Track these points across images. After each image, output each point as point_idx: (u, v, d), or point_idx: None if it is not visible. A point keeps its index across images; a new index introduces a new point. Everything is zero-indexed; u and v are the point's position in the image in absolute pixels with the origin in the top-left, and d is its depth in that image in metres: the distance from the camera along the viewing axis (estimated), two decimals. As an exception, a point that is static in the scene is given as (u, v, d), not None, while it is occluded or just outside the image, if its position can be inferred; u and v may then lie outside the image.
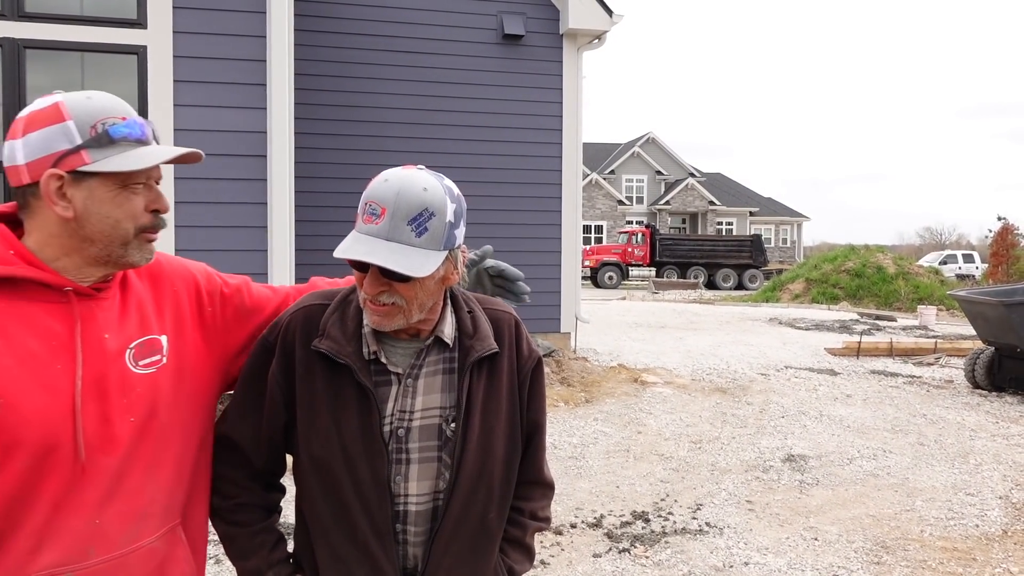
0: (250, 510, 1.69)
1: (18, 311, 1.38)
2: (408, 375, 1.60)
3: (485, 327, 1.66)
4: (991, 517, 5.44)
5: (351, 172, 9.39)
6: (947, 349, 13.12)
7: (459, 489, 1.59)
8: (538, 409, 1.75)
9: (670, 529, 5.06)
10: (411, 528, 1.60)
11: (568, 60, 10.04)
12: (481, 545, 1.65)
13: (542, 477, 1.79)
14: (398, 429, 1.58)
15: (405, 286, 1.50)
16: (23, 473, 1.35)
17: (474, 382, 1.62)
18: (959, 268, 38.39)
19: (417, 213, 1.46)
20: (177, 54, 6.04)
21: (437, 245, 1.49)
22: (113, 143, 1.40)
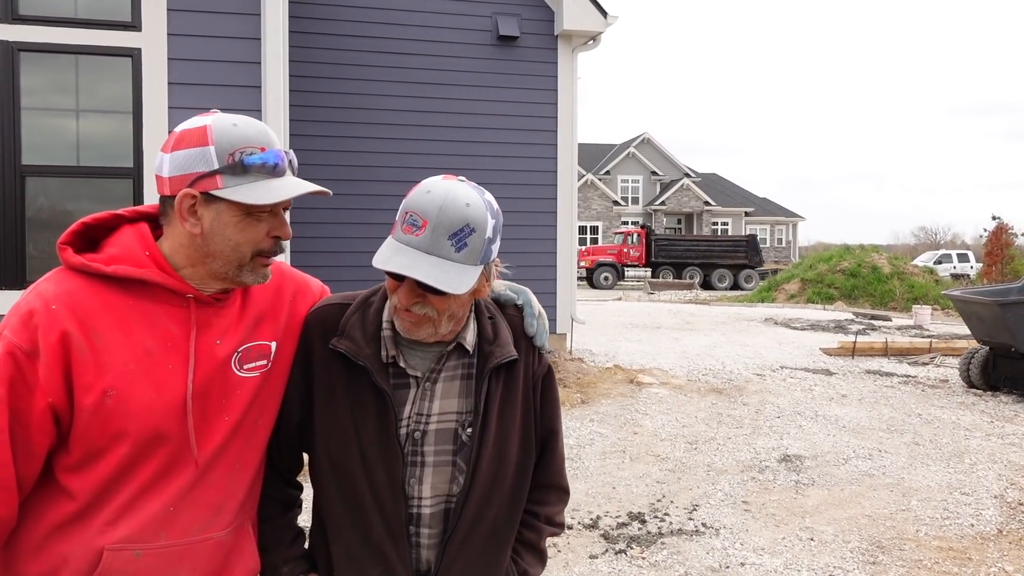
0: (270, 504, 1.71)
1: (142, 310, 1.49)
2: (427, 379, 1.61)
3: (505, 334, 1.67)
4: (986, 516, 5.45)
5: (346, 174, 9.38)
6: (942, 349, 13.15)
7: (473, 494, 1.60)
8: (552, 415, 1.76)
9: (666, 530, 5.07)
10: (424, 530, 1.61)
11: (563, 61, 10.05)
12: (493, 548, 1.66)
13: (558, 482, 1.80)
14: (414, 432, 1.59)
15: (439, 299, 1.52)
16: (124, 460, 1.45)
17: (492, 388, 1.63)
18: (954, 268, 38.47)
19: (459, 228, 1.46)
20: (172, 56, 6.03)
21: (475, 260, 1.50)
22: (246, 172, 1.48)
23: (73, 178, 6.00)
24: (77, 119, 6.02)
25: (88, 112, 6.06)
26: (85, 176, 6.02)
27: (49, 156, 5.95)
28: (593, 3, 9.85)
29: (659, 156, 55.62)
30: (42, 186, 5.95)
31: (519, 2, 9.92)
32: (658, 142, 56.05)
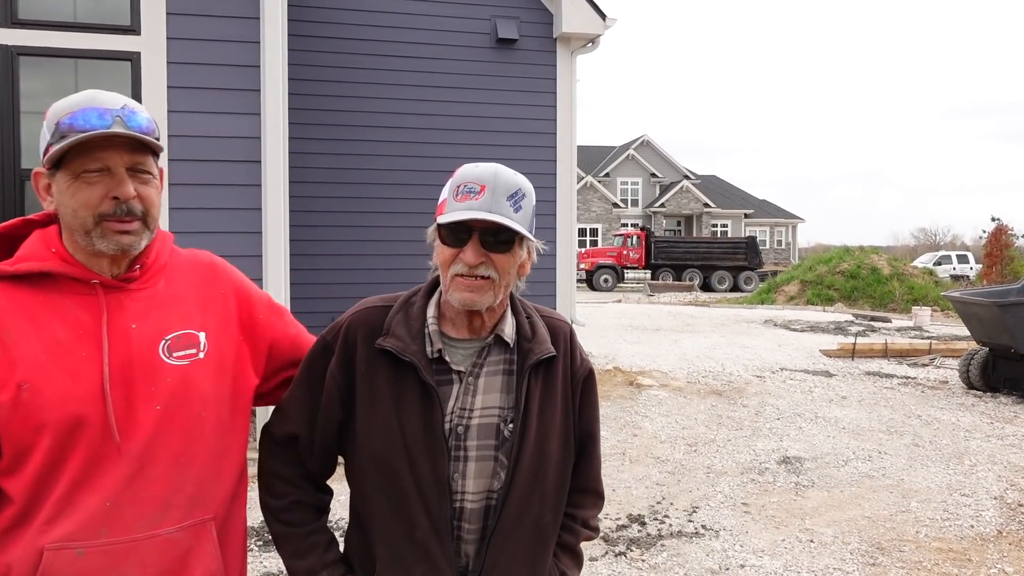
0: (303, 509, 1.70)
1: (51, 303, 1.49)
2: (470, 373, 1.63)
3: (543, 332, 1.70)
4: (986, 518, 5.45)
5: (345, 177, 9.39)
6: (942, 350, 13.15)
7: (515, 490, 1.61)
8: (591, 419, 1.78)
9: (666, 532, 5.07)
10: (465, 526, 1.62)
11: (562, 64, 10.06)
12: (537, 548, 1.67)
13: (595, 486, 1.83)
14: (457, 427, 1.61)
15: (502, 258, 1.56)
16: (50, 453, 1.44)
17: (532, 385, 1.65)
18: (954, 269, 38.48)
19: (515, 191, 1.55)
20: (171, 60, 6.04)
21: (527, 224, 1.58)
22: (63, 136, 1.46)
23: (73, 182, 6.00)
24: (76, 123, 6.01)
25: (87, 116, 6.06)
26: (85, 180, 6.02)
27: (48, 160, 5.95)
28: (592, 6, 9.87)
29: (658, 158, 55.64)
30: (42, 190, 5.95)
31: (518, 5, 9.94)
32: (657, 144, 56.08)
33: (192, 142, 6.09)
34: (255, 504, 1.75)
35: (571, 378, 1.73)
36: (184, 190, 6.08)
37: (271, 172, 6.14)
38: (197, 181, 6.11)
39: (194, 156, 6.09)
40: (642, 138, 55.76)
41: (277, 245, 6.17)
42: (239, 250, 6.18)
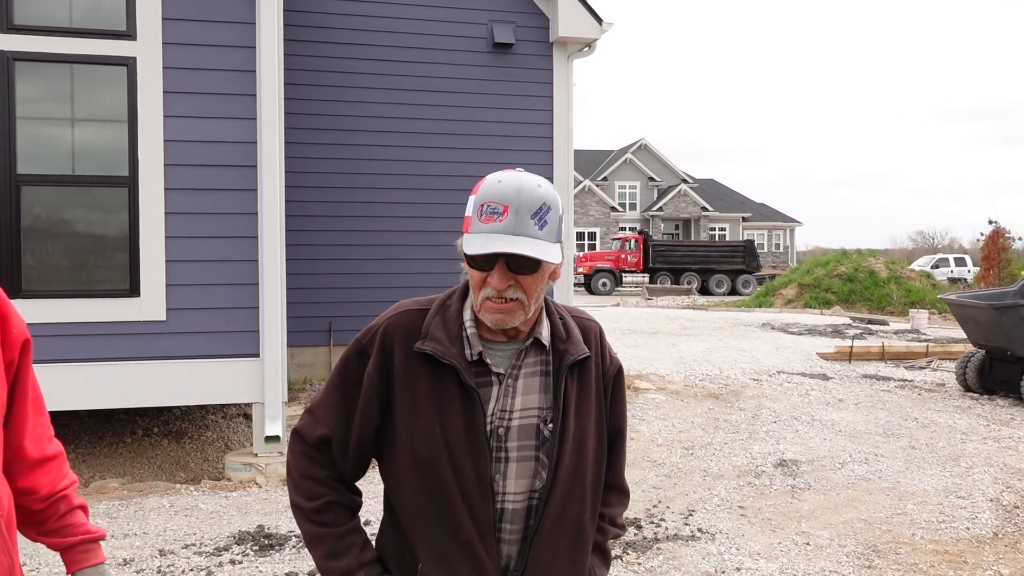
0: (338, 510, 1.69)
1: None
2: (509, 375, 1.65)
3: (576, 332, 1.72)
4: (982, 520, 5.46)
5: (341, 181, 9.40)
6: (938, 353, 13.16)
7: (557, 489, 1.63)
8: (620, 415, 1.81)
9: (662, 535, 5.07)
10: (507, 526, 1.64)
11: (558, 68, 10.07)
12: (578, 546, 1.69)
13: (622, 483, 1.86)
14: (498, 428, 1.63)
15: (529, 279, 1.57)
16: None
17: (568, 385, 1.67)
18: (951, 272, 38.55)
19: (538, 207, 1.54)
20: (167, 65, 6.05)
21: (554, 237, 1.58)
22: None
23: (69, 187, 6.01)
24: (72, 128, 6.03)
25: (83, 121, 6.08)
26: (81, 185, 6.03)
27: (45, 165, 5.96)
28: (588, 10, 9.88)
29: (656, 162, 55.70)
30: (38, 195, 5.96)
31: (514, 9, 9.95)
32: (655, 148, 56.14)
33: (188, 147, 6.10)
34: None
35: (603, 376, 1.76)
36: (180, 195, 6.08)
37: (267, 177, 6.15)
38: (193, 186, 6.11)
39: (190, 161, 6.09)
40: (640, 142, 55.82)
41: (273, 249, 6.17)
42: (235, 255, 6.19)
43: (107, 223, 6.10)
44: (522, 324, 1.64)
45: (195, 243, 6.13)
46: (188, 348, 6.12)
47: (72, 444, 6.84)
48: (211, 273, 6.15)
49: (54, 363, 5.85)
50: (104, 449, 6.83)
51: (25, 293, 5.82)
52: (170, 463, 6.76)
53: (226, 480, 6.16)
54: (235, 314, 6.19)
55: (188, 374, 6.11)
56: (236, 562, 4.52)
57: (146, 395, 6.11)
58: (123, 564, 4.48)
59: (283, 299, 6.37)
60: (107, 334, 5.98)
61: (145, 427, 7.32)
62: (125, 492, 5.79)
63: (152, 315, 6.05)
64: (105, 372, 5.96)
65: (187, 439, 7.23)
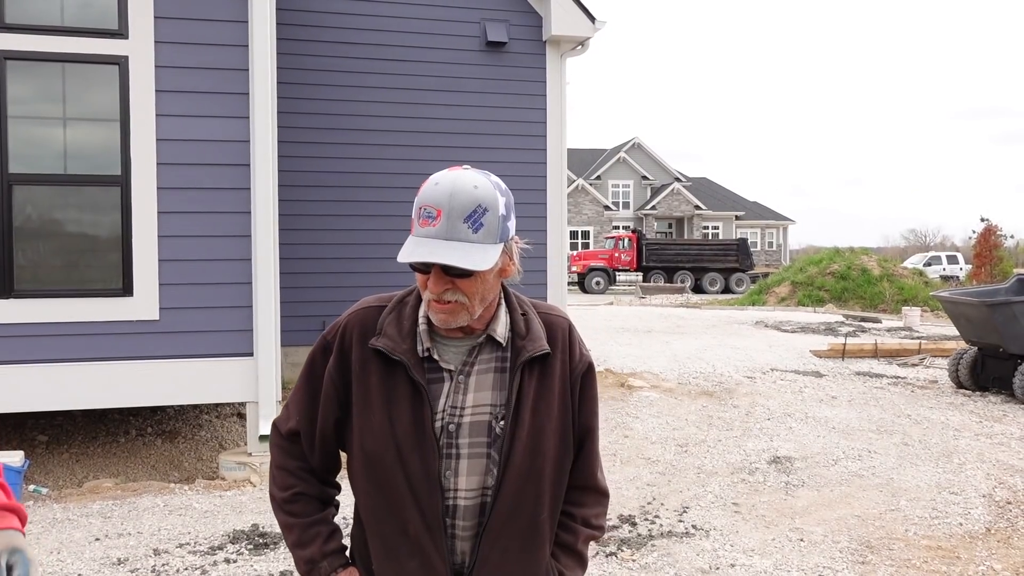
0: (306, 500, 1.74)
1: None
2: (460, 372, 1.65)
3: (538, 329, 1.70)
4: (975, 515, 5.48)
5: (334, 180, 9.39)
6: (931, 350, 13.21)
7: (506, 486, 1.62)
8: (590, 413, 1.77)
9: (656, 532, 5.08)
10: (460, 523, 1.64)
11: (552, 67, 10.07)
12: (532, 545, 1.67)
13: (595, 483, 1.80)
14: (449, 424, 1.62)
15: (467, 282, 1.56)
16: None
17: (525, 381, 1.65)
18: (943, 269, 38.66)
19: (471, 210, 1.52)
20: (159, 64, 6.03)
21: (493, 239, 1.56)
22: None
23: (61, 186, 5.99)
24: (64, 127, 6.01)
25: (75, 120, 6.06)
26: (73, 184, 6.01)
27: (36, 165, 5.94)
28: (581, 8, 9.88)
29: (649, 161, 55.76)
30: (29, 195, 5.94)
31: (507, 8, 9.95)
32: (648, 147, 56.20)
33: (181, 146, 6.09)
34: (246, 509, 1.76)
35: (570, 373, 1.73)
36: (173, 194, 6.07)
37: (260, 176, 6.14)
38: (186, 185, 6.10)
39: (183, 160, 6.08)
40: (633, 141, 55.87)
41: (266, 248, 6.16)
42: (229, 253, 6.18)
43: (99, 222, 6.08)
44: (475, 321, 1.64)
45: (188, 242, 6.11)
46: (182, 347, 6.11)
47: (66, 444, 6.82)
48: (204, 272, 6.13)
49: (47, 363, 5.84)
50: (98, 449, 6.81)
51: (17, 293, 5.80)
52: (164, 463, 6.74)
53: (220, 479, 6.15)
54: (229, 313, 6.18)
55: (182, 373, 6.10)
56: (231, 561, 4.52)
57: (140, 395, 6.09)
58: (118, 563, 4.47)
59: (277, 298, 6.36)
60: (100, 334, 5.96)
61: (139, 427, 7.30)
62: (119, 492, 5.78)
63: (145, 314, 6.03)
64: (98, 372, 5.95)
65: (181, 439, 7.21)
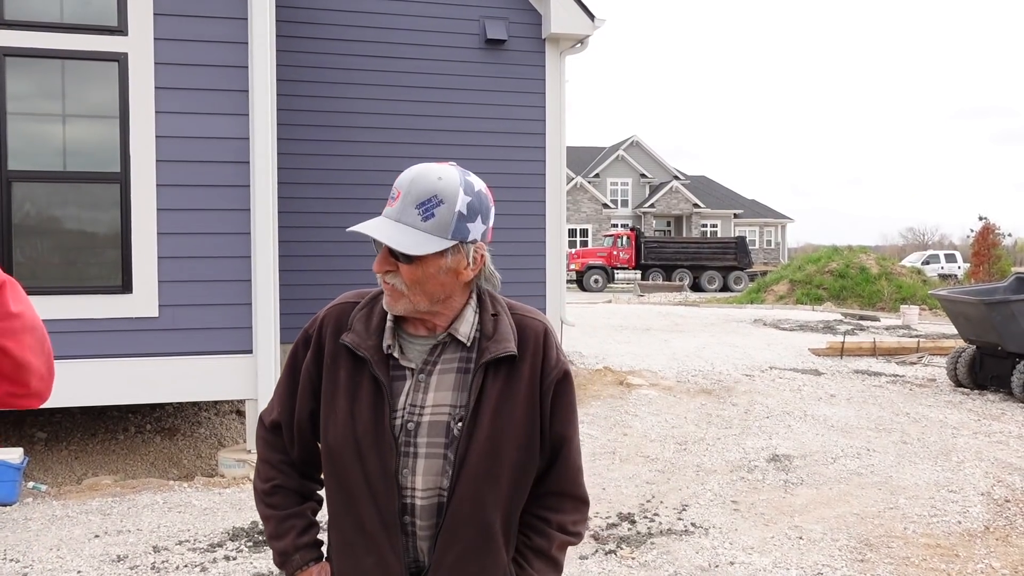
0: (285, 493, 1.75)
1: None
2: (421, 370, 1.64)
3: (506, 330, 1.66)
4: (973, 513, 5.49)
5: (332, 178, 9.38)
6: (929, 348, 13.22)
7: (461, 488, 1.60)
8: (564, 422, 1.71)
9: (656, 530, 5.08)
10: (419, 522, 1.63)
11: (551, 64, 10.07)
12: (488, 548, 1.64)
13: (573, 490, 1.75)
14: (408, 423, 1.62)
15: (408, 269, 1.56)
16: None
17: (488, 383, 1.63)
18: (941, 268, 38.68)
19: (427, 199, 1.54)
20: (159, 61, 6.03)
21: (443, 233, 1.55)
22: None
23: (60, 183, 5.99)
24: (64, 124, 6.00)
25: (75, 117, 6.05)
26: (72, 181, 6.01)
27: (35, 161, 5.94)
28: (580, 6, 9.88)
29: (648, 159, 55.75)
30: (28, 192, 5.93)
31: (507, 6, 9.94)
32: (647, 145, 56.19)
33: (180, 143, 6.08)
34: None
35: (541, 379, 1.67)
36: (172, 191, 6.06)
37: (259, 173, 6.13)
38: (185, 182, 6.09)
39: (182, 157, 6.07)
40: (632, 139, 55.86)
41: (266, 246, 6.16)
42: (228, 251, 6.18)
43: (99, 220, 6.07)
44: (436, 318, 1.64)
45: (188, 239, 6.11)
46: (181, 345, 6.10)
47: (65, 441, 6.81)
48: (204, 269, 6.13)
49: (46, 360, 5.82)
50: (97, 446, 6.81)
51: (16, 290, 5.78)
52: (163, 460, 6.74)
53: (219, 477, 6.15)
54: (228, 310, 6.17)
55: (181, 371, 6.10)
56: (230, 558, 4.52)
57: (139, 392, 6.09)
58: (117, 560, 4.47)
59: (276, 295, 6.36)
60: (99, 331, 5.95)
61: (138, 424, 7.30)
62: (118, 489, 5.78)
63: (144, 311, 6.03)
64: (97, 369, 5.94)
65: (180, 436, 7.21)
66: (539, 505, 1.72)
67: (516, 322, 1.69)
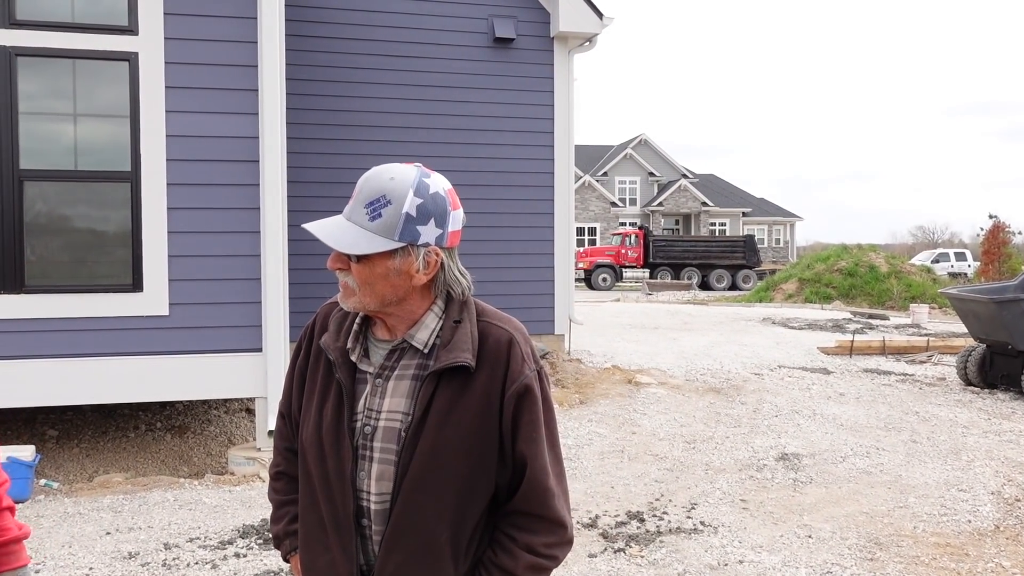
0: (287, 480, 1.83)
1: None
2: (379, 375, 1.64)
3: (463, 339, 1.59)
4: (983, 513, 5.47)
5: (342, 176, 9.38)
6: (939, 347, 13.17)
7: (401, 496, 1.58)
8: (526, 439, 1.60)
9: (665, 528, 5.09)
10: (373, 526, 1.62)
11: (559, 63, 10.07)
12: (432, 560, 1.59)
13: (542, 512, 1.62)
14: (365, 427, 1.62)
15: (357, 268, 1.57)
16: None
17: (438, 393, 1.58)
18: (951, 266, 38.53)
19: (375, 199, 1.55)
20: (169, 60, 6.05)
21: (389, 233, 1.54)
22: None
23: (71, 182, 6.02)
24: (75, 123, 6.04)
25: (85, 116, 6.08)
26: (83, 180, 6.04)
27: (47, 160, 5.97)
28: (589, 5, 9.88)
29: (656, 157, 55.67)
30: (40, 191, 5.97)
31: (515, 4, 9.95)
32: (655, 143, 56.10)
33: (190, 142, 6.11)
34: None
35: (501, 391, 1.59)
36: (182, 190, 6.09)
37: (269, 172, 6.15)
38: (195, 181, 6.12)
39: (192, 156, 6.10)
40: (640, 137, 55.78)
41: (275, 244, 6.18)
42: (238, 250, 6.20)
43: (109, 218, 6.11)
44: (393, 321, 1.63)
45: (197, 238, 6.13)
46: (191, 343, 6.13)
47: (76, 439, 6.85)
48: (214, 268, 6.16)
49: (57, 358, 5.87)
50: (108, 444, 6.85)
51: (28, 288, 5.83)
52: (173, 457, 6.77)
53: (229, 474, 6.18)
54: (238, 309, 6.20)
55: (191, 369, 6.13)
56: (241, 555, 4.54)
57: (149, 390, 6.12)
58: (129, 557, 4.50)
59: (286, 293, 6.38)
60: (110, 329, 5.99)
61: (148, 421, 7.33)
62: (129, 486, 5.81)
63: (155, 310, 6.06)
64: (108, 367, 5.98)
65: (190, 434, 7.24)
66: (507, 523, 1.64)
67: (481, 330, 1.62)
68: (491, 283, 9.35)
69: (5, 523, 1.77)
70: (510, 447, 1.60)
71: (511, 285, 9.74)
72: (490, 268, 9.56)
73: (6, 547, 1.75)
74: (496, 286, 9.35)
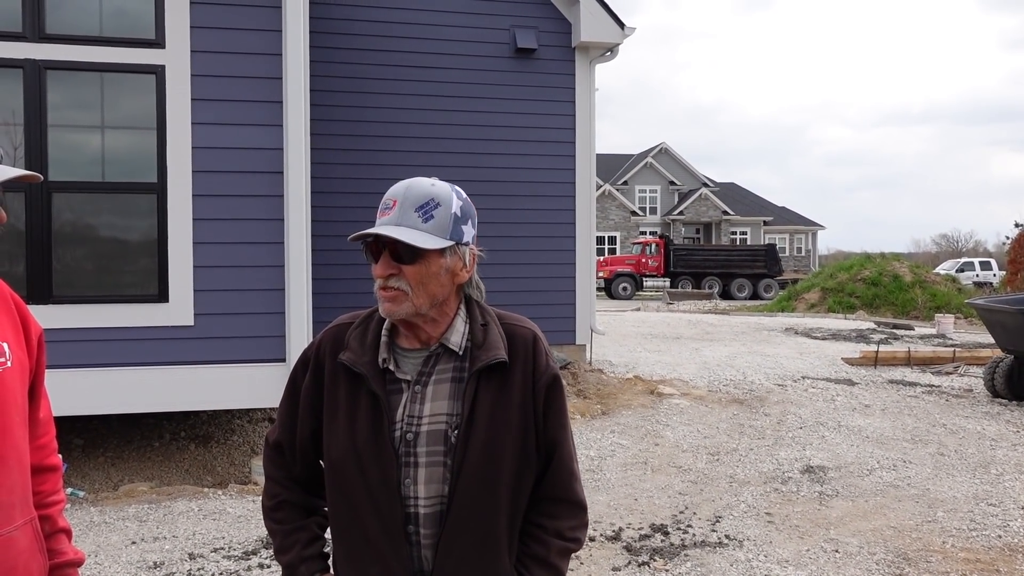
0: (289, 508, 1.80)
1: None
2: (417, 382, 1.69)
3: (496, 339, 1.71)
4: (1014, 527, 5.39)
5: (366, 187, 9.42)
6: (966, 358, 13.01)
7: (459, 495, 1.64)
8: (556, 426, 1.74)
9: (689, 542, 5.04)
10: (422, 530, 1.66)
11: (580, 73, 10.08)
12: (489, 554, 1.67)
13: (569, 495, 1.77)
14: (407, 434, 1.66)
15: (412, 269, 1.61)
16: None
17: (481, 391, 1.67)
18: (976, 276, 38.09)
19: (424, 202, 1.62)
20: (195, 73, 6.11)
21: (443, 233, 1.62)
22: None
23: (98, 193, 6.08)
24: (102, 135, 6.10)
25: (113, 128, 6.15)
26: (110, 192, 6.10)
27: (75, 172, 6.04)
28: (610, 15, 9.88)
29: (677, 166, 55.52)
30: (68, 202, 6.04)
31: (537, 15, 9.97)
32: (676, 152, 55.97)
33: (216, 153, 6.16)
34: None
35: (533, 384, 1.71)
36: (207, 201, 6.13)
37: (293, 182, 6.19)
38: (220, 192, 6.16)
39: (217, 167, 6.15)
40: (660, 146, 55.67)
41: (299, 255, 6.21)
42: (262, 260, 6.24)
43: (136, 229, 6.16)
44: (428, 327, 1.69)
45: (222, 249, 6.17)
46: (215, 353, 6.17)
47: (101, 448, 6.91)
48: (238, 278, 6.19)
49: (84, 368, 5.92)
50: (133, 453, 6.90)
51: (55, 299, 5.89)
52: (197, 467, 6.81)
53: (252, 484, 6.20)
54: (262, 319, 6.23)
55: (215, 379, 6.16)
56: (265, 566, 4.55)
57: (174, 399, 6.16)
58: (154, 567, 4.52)
59: (309, 304, 6.40)
60: (136, 339, 6.04)
61: (172, 431, 7.38)
62: (154, 495, 5.84)
63: (180, 320, 6.10)
64: (134, 377, 6.02)
65: (213, 443, 7.27)
66: (536, 512, 1.75)
67: (505, 331, 1.74)
68: (512, 292, 9.34)
69: (61, 546, 1.77)
70: (542, 434, 1.72)
71: (532, 295, 9.73)
72: (512, 278, 9.57)
73: (60, 571, 1.74)
74: (517, 296, 9.35)
